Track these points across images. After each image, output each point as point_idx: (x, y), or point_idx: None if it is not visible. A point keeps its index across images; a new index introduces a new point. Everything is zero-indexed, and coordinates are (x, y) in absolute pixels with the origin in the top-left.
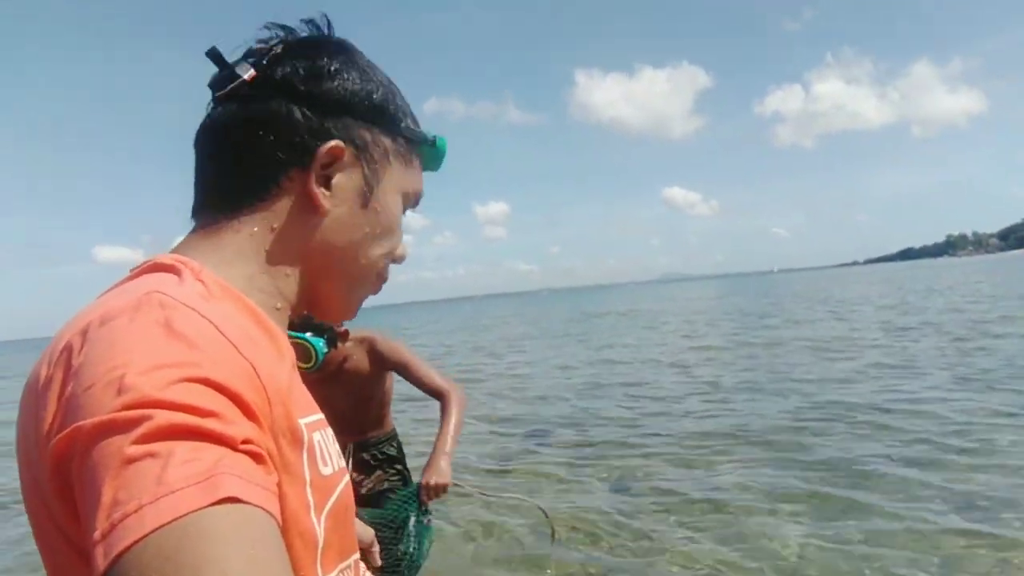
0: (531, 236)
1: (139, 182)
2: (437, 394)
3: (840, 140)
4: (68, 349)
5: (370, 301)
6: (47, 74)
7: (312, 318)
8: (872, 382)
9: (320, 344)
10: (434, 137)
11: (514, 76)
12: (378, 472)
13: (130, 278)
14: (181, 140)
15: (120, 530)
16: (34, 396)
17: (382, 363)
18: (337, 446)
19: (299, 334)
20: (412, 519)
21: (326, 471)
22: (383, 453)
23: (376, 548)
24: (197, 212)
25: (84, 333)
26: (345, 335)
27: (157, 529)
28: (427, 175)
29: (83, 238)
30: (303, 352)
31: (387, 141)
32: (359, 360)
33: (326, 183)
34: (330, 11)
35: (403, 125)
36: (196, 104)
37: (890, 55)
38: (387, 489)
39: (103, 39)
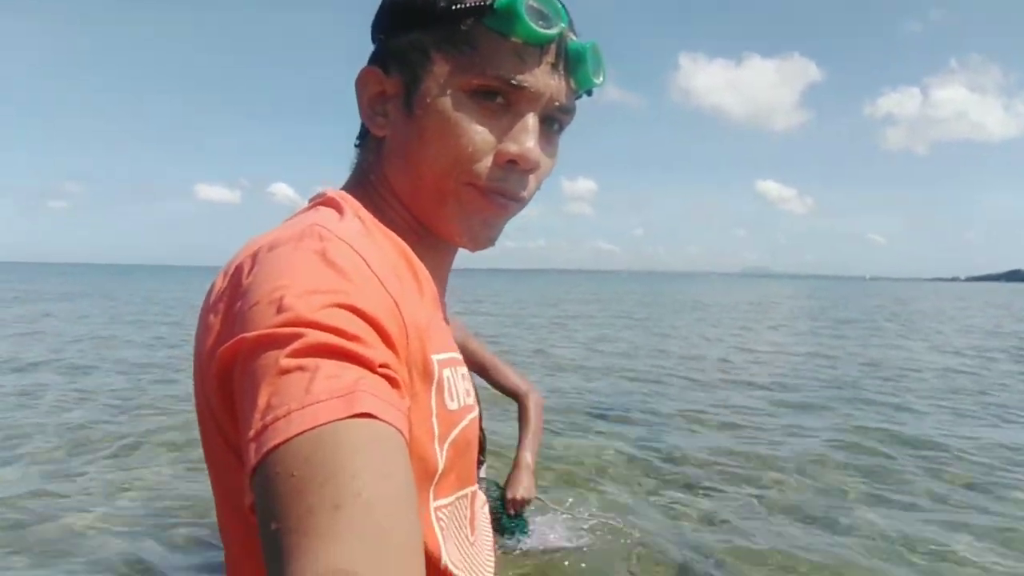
0: (616, 216)
1: (237, 126)
2: (515, 395)
3: (957, 150)
4: (240, 269)
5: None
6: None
7: None
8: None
9: None
10: (492, 0)
11: (617, 53)
12: None
13: (305, 209)
14: (280, 90)
15: (271, 431)
16: (206, 310)
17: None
18: (468, 384)
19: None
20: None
21: (452, 405)
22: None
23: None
24: (361, 142)
25: (255, 256)
26: None
27: (301, 433)
28: None
29: (185, 176)
30: None
31: (424, 37)
32: None
33: (382, 110)
34: None
35: (440, 7)
36: (297, 60)
37: (1022, 65)
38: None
39: None
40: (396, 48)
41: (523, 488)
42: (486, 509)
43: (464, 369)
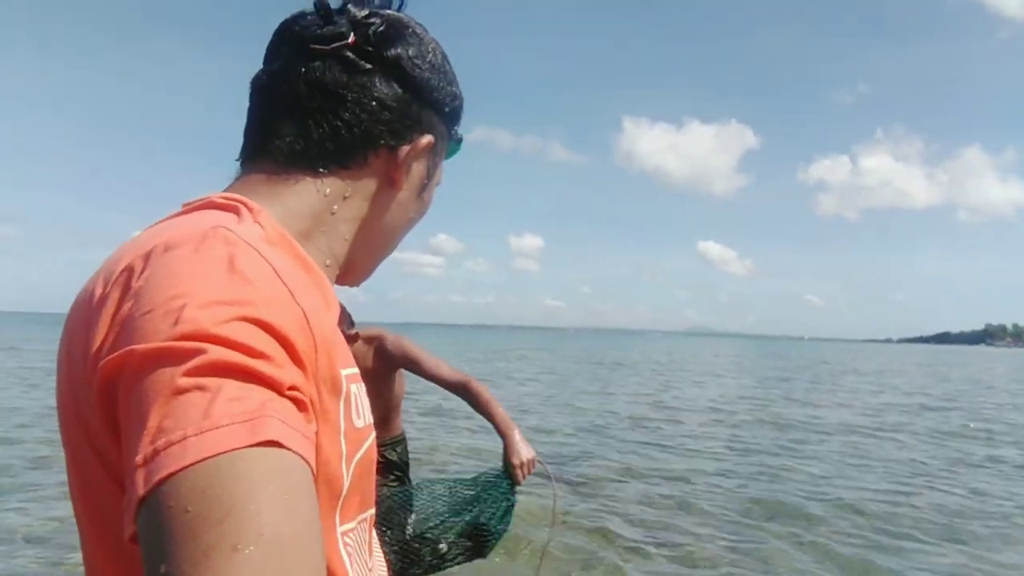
0: (563, 273)
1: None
2: (455, 386)
3: (884, 216)
4: (129, 270)
5: (398, 318)
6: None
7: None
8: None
9: None
10: (460, 137)
11: (563, 114)
12: (377, 477)
13: (182, 213)
14: (222, 130)
15: (163, 457)
16: (85, 313)
17: (391, 361)
18: (367, 400)
19: None
20: (499, 504)
21: (359, 423)
22: (383, 457)
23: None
24: (257, 156)
25: (147, 257)
26: (355, 338)
27: (198, 462)
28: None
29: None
30: None
31: (444, 132)
32: (368, 359)
33: (408, 169)
34: None
35: (451, 116)
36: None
37: (942, 136)
38: (386, 496)
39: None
40: (431, 127)
41: (517, 452)
42: (374, 531)
43: (364, 386)
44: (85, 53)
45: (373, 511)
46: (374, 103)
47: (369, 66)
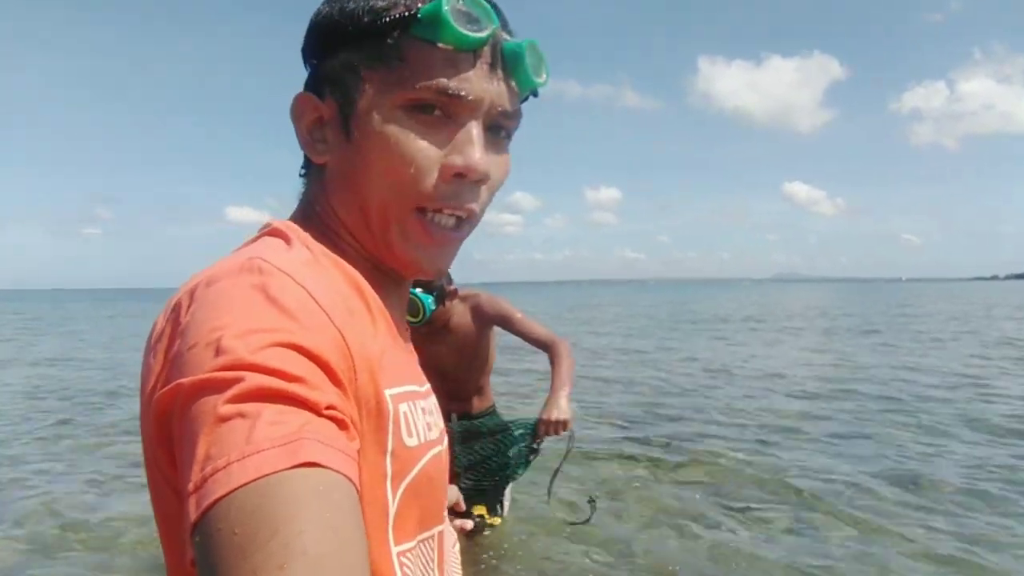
0: (641, 224)
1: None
2: (544, 345)
3: (987, 143)
4: (178, 307)
5: (482, 278)
6: (186, 44)
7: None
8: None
9: (429, 301)
10: (416, 10)
11: (633, 60)
12: (478, 445)
13: (252, 240)
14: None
15: (211, 483)
16: (149, 347)
17: (486, 319)
18: (432, 418)
19: (410, 290)
20: (517, 448)
21: (411, 442)
22: (486, 427)
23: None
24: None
25: (192, 293)
26: (454, 294)
27: (242, 486)
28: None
29: (215, 198)
30: (411, 307)
31: (353, 56)
32: (464, 318)
33: (322, 137)
34: None
35: (364, 23)
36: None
37: None
38: (490, 454)
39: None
40: (328, 71)
41: (558, 409)
42: (457, 548)
43: (426, 402)
44: (165, 35)
45: (442, 527)
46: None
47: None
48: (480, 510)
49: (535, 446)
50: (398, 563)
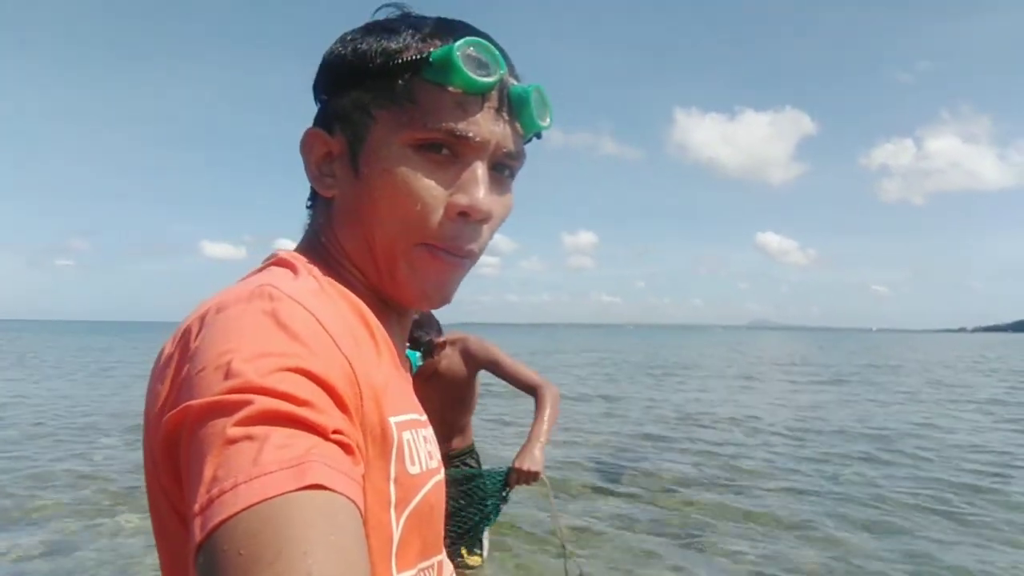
0: (618, 269)
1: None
2: (530, 389)
3: (954, 200)
4: (188, 332)
5: (455, 319)
6: (166, 80)
7: (415, 327)
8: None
9: (415, 357)
10: (428, 54)
11: (613, 108)
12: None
13: (258, 270)
14: (283, 148)
15: (217, 505)
16: (157, 370)
17: (475, 362)
18: (431, 447)
19: None
20: (492, 499)
21: (413, 470)
22: (465, 464)
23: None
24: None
25: (202, 319)
26: (442, 346)
27: (249, 507)
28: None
29: (191, 232)
30: None
31: (364, 95)
32: (454, 362)
33: (330, 171)
34: None
35: (377, 64)
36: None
37: (1012, 114)
38: (464, 505)
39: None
40: (338, 108)
41: (530, 460)
42: None
43: (427, 431)
44: (153, 70)
45: (441, 556)
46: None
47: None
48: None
49: (505, 494)
50: None
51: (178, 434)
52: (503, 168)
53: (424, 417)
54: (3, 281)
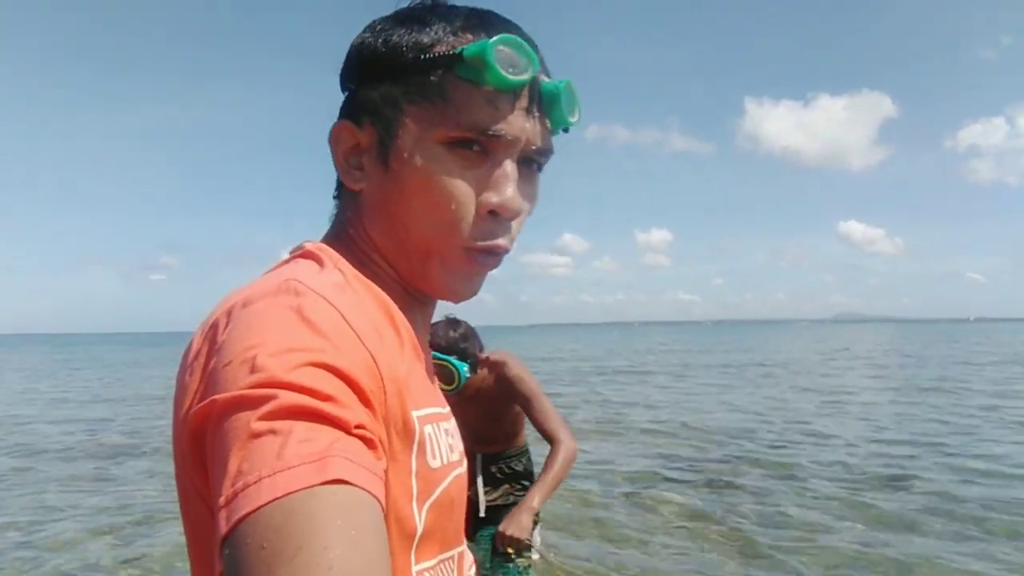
0: (694, 266)
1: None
2: (550, 439)
3: None
4: (215, 326)
5: (528, 320)
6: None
7: (459, 341)
8: None
9: (464, 368)
10: (460, 50)
11: (679, 103)
12: (505, 486)
13: (283, 262)
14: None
15: (241, 498)
16: (185, 364)
17: (509, 391)
18: (453, 440)
19: (445, 356)
20: (488, 560)
21: (434, 463)
22: (510, 468)
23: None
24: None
25: (229, 313)
26: (485, 362)
27: (272, 502)
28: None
29: (274, 244)
30: (447, 374)
31: (395, 89)
32: (489, 383)
33: (358, 164)
34: None
35: (409, 58)
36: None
37: None
38: (512, 504)
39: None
40: (368, 100)
41: (514, 526)
42: (473, 571)
43: (448, 424)
44: (232, 88)
45: (461, 548)
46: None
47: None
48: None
49: (510, 556)
50: None
51: (204, 427)
52: (532, 162)
53: (446, 409)
54: (102, 296)
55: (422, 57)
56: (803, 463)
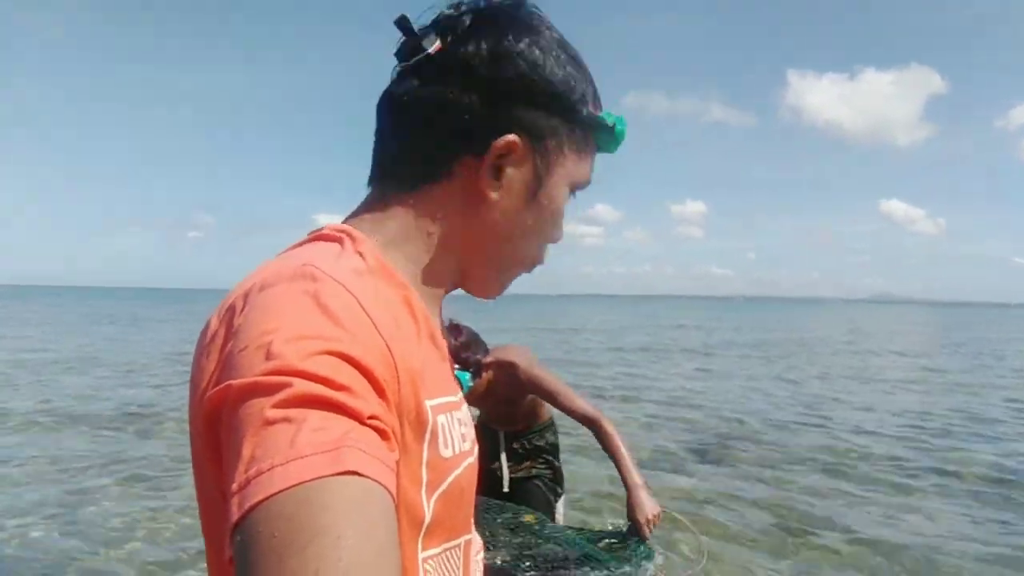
0: (728, 240)
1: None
2: (587, 421)
3: None
4: (232, 309)
5: (550, 289)
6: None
7: (460, 350)
8: None
9: (466, 378)
10: (614, 123)
11: (721, 73)
12: (527, 462)
13: (300, 243)
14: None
15: (254, 486)
16: (202, 346)
17: (522, 389)
18: (465, 428)
19: None
20: (647, 565)
21: (446, 453)
22: (532, 444)
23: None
24: (372, 181)
25: (246, 296)
26: (489, 365)
27: (284, 490)
28: (605, 157)
29: (303, 207)
30: None
31: (564, 130)
32: (502, 383)
33: (497, 174)
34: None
35: (584, 113)
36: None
37: None
38: (534, 476)
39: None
40: (532, 125)
41: (648, 506)
42: (480, 556)
43: (461, 413)
44: (265, 58)
45: (469, 536)
46: (448, 112)
47: (445, 74)
48: (530, 519)
49: (650, 554)
50: (422, 569)
51: (219, 411)
52: None
53: (459, 397)
54: (144, 253)
55: (585, 112)
56: (839, 446)
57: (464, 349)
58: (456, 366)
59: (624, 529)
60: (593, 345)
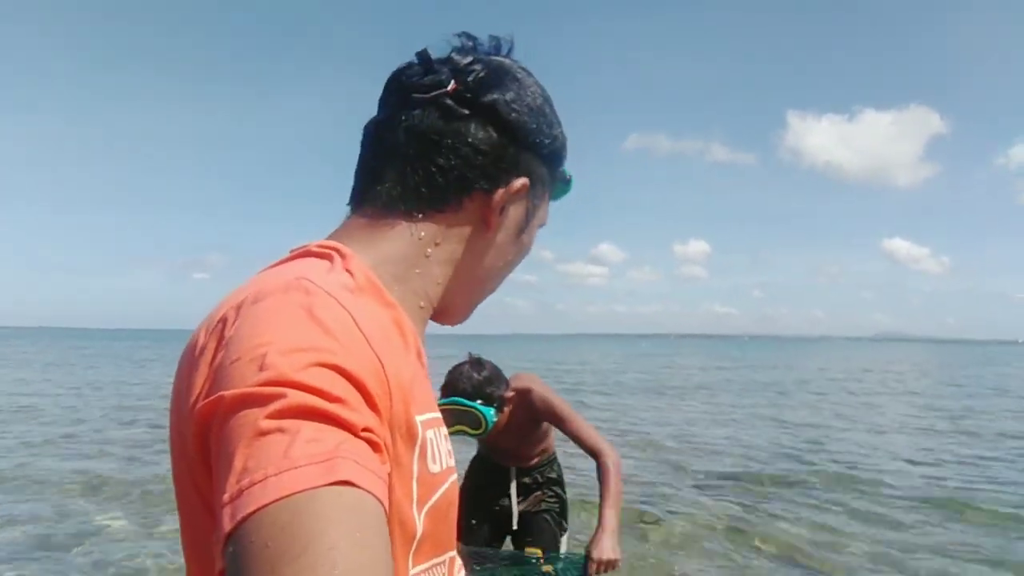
0: (731, 278)
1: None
2: (593, 453)
3: None
4: (223, 321)
5: (562, 329)
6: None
7: (484, 385)
8: None
9: (490, 414)
10: (569, 177)
11: (722, 113)
12: (537, 493)
13: (286, 260)
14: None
15: (247, 496)
16: (190, 360)
17: (538, 416)
18: (451, 445)
19: (470, 403)
20: None
21: (434, 468)
22: (544, 476)
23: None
24: (361, 201)
25: (238, 308)
26: (510, 400)
27: (278, 500)
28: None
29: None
30: (473, 420)
31: (548, 179)
32: (518, 413)
33: (502, 211)
34: (536, 45)
35: (563, 167)
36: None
37: None
38: (543, 510)
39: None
40: (533, 171)
41: (608, 549)
42: (462, 574)
43: (444, 429)
44: (276, 97)
45: (452, 553)
46: (468, 148)
47: (466, 112)
48: (535, 551)
49: None
50: None
51: (210, 422)
52: None
53: (439, 415)
54: (148, 294)
55: (559, 164)
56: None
57: (488, 384)
58: (479, 401)
59: (580, 561)
60: (587, 379)
